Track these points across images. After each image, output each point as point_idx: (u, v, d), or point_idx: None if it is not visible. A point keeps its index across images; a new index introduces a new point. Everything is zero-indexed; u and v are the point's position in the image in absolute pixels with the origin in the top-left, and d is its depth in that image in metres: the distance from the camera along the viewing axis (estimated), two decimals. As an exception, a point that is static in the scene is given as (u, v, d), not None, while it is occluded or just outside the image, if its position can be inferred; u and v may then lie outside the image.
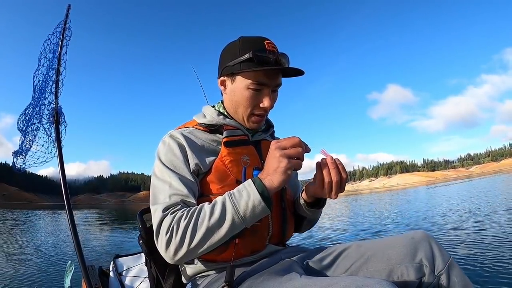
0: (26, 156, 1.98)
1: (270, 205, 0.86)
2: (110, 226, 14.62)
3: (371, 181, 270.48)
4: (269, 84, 1.02)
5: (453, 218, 7.34)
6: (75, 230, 1.70)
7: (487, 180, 32.31)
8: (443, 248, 0.90)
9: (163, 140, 1.06)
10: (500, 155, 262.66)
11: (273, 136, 1.26)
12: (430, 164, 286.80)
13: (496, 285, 2.75)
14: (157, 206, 0.91)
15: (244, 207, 0.84)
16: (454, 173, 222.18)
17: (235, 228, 0.85)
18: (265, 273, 0.89)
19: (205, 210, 0.86)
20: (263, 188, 0.85)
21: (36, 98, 1.90)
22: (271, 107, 1.06)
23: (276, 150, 0.86)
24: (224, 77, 1.08)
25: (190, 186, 0.96)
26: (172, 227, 0.85)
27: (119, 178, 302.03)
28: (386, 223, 8.24)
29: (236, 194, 0.87)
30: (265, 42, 1.00)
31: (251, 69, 0.98)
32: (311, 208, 1.11)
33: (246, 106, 1.05)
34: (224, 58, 1.06)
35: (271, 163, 0.87)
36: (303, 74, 1.05)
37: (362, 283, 0.65)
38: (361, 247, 0.97)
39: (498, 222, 5.93)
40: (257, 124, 1.10)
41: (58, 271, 4.76)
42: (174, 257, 0.86)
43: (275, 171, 0.85)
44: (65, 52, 1.92)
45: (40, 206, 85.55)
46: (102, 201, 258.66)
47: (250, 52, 0.97)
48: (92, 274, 1.54)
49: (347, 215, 12.01)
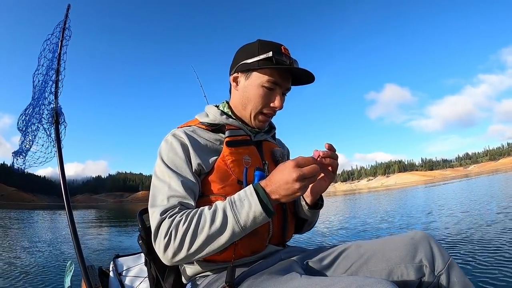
0: (26, 156, 1.98)
1: (271, 216, 0.86)
2: (108, 226, 14.59)
3: (369, 181, 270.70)
4: (282, 85, 1.06)
5: (452, 218, 7.33)
6: (75, 230, 1.70)
7: (485, 179, 32.35)
8: (443, 248, 0.90)
9: (165, 139, 1.06)
10: (498, 154, 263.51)
11: (274, 138, 1.27)
12: (428, 163, 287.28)
13: (496, 285, 2.75)
14: (154, 209, 0.91)
15: (245, 218, 0.84)
16: (452, 173, 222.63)
17: (234, 237, 0.85)
18: (265, 273, 0.90)
19: (205, 216, 0.85)
20: (268, 202, 0.84)
21: (36, 98, 1.90)
22: (281, 108, 1.08)
23: (294, 170, 0.82)
24: (238, 74, 1.10)
25: (190, 187, 0.96)
26: (171, 232, 0.85)
27: (118, 178, 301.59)
28: (385, 223, 8.22)
29: (238, 203, 0.85)
30: (282, 47, 1.04)
31: (269, 66, 1.02)
32: (311, 210, 1.12)
33: (257, 103, 1.07)
34: (240, 56, 1.09)
35: (285, 180, 0.82)
36: (313, 81, 1.10)
37: (363, 282, 0.65)
38: (361, 247, 0.97)
39: (498, 222, 5.93)
40: (263, 123, 1.12)
41: (58, 271, 4.75)
42: (172, 260, 0.86)
43: (287, 191, 0.83)
44: (64, 52, 1.92)
45: (39, 206, 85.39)
46: (101, 201, 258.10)
47: (270, 52, 1.01)
48: (92, 274, 1.54)
49: (346, 215, 12.00)
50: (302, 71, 1.05)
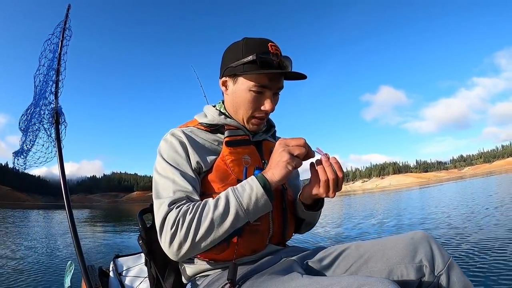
0: (27, 156, 1.97)
1: (272, 199, 0.88)
2: (106, 226, 14.55)
3: (364, 182, 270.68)
4: (271, 87, 1.02)
5: (451, 218, 7.35)
6: (75, 230, 1.70)
7: (480, 181, 32.45)
8: (442, 248, 0.90)
9: (164, 138, 1.06)
10: (492, 157, 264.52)
11: (274, 136, 1.26)
12: (423, 165, 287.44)
13: (496, 285, 2.76)
14: (162, 200, 0.91)
15: (247, 200, 0.85)
16: (447, 174, 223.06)
17: (238, 221, 0.86)
18: (266, 272, 0.90)
19: (209, 204, 0.87)
20: (265, 181, 0.88)
21: (36, 98, 1.89)
22: (272, 110, 1.06)
23: (279, 145, 0.90)
24: (226, 78, 1.07)
25: (193, 183, 0.96)
26: (178, 221, 0.85)
27: (112, 178, 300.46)
28: (384, 223, 8.23)
29: (239, 188, 0.88)
30: (269, 45, 0.99)
31: (253, 72, 0.98)
32: (308, 211, 1.10)
33: (247, 108, 1.05)
34: (227, 59, 1.06)
35: (273, 157, 0.91)
36: (305, 78, 1.04)
37: (364, 281, 0.65)
38: (360, 247, 0.97)
39: (498, 221, 5.95)
40: (257, 126, 1.10)
41: (58, 271, 4.74)
42: (178, 252, 0.86)
43: (277, 165, 0.88)
44: (65, 52, 1.92)
45: (37, 206, 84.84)
46: (95, 201, 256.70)
47: (254, 55, 0.96)
48: (92, 274, 1.54)
49: (345, 215, 12.02)
50: (287, 72, 1.02)
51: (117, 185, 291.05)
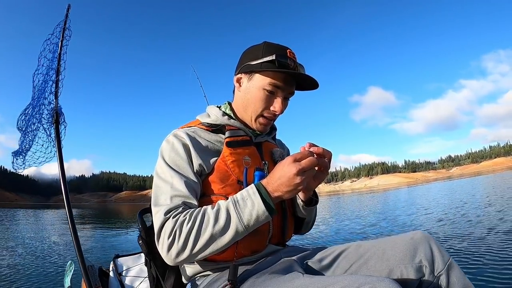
0: (26, 156, 1.96)
1: (273, 214, 0.88)
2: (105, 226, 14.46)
3: (352, 182, 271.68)
4: (284, 89, 1.05)
5: (450, 218, 7.37)
6: (75, 230, 1.69)
7: (467, 181, 32.74)
8: (442, 248, 0.91)
9: (167, 139, 1.06)
10: (480, 157, 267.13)
11: (274, 139, 1.27)
12: (411, 165, 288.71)
13: (497, 285, 2.77)
14: (158, 208, 0.91)
15: (248, 217, 0.85)
16: (435, 174, 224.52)
17: (238, 236, 0.86)
18: (267, 272, 0.90)
19: (209, 216, 0.86)
20: (269, 200, 0.86)
21: (36, 98, 1.88)
22: (281, 112, 1.08)
23: (293, 165, 0.84)
24: (241, 75, 1.10)
25: (192, 187, 0.96)
26: (175, 232, 0.85)
27: (101, 178, 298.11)
28: (381, 223, 8.28)
29: (241, 203, 0.87)
30: (288, 51, 1.03)
31: (271, 69, 1.01)
32: (306, 207, 1.12)
33: (257, 106, 1.07)
34: (246, 57, 1.09)
35: (285, 176, 0.84)
36: (317, 87, 1.09)
37: (365, 281, 0.66)
38: (360, 247, 0.98)
39: (498, 221, 5.97)
40: (264, 126, 1.11)
41: (58, 271, 4.70)
42: (175, 260, 0.87)
43: (288, 187, 0.85)
44: (65, 52, 1.91)
45: (24, 205, 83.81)
46: (84, 200, 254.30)
47: (274, 55, 1.00)
48: (92, 274, 1.53)
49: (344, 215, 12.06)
50: (304, 76, 1.04)
51: (106, 184, 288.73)
